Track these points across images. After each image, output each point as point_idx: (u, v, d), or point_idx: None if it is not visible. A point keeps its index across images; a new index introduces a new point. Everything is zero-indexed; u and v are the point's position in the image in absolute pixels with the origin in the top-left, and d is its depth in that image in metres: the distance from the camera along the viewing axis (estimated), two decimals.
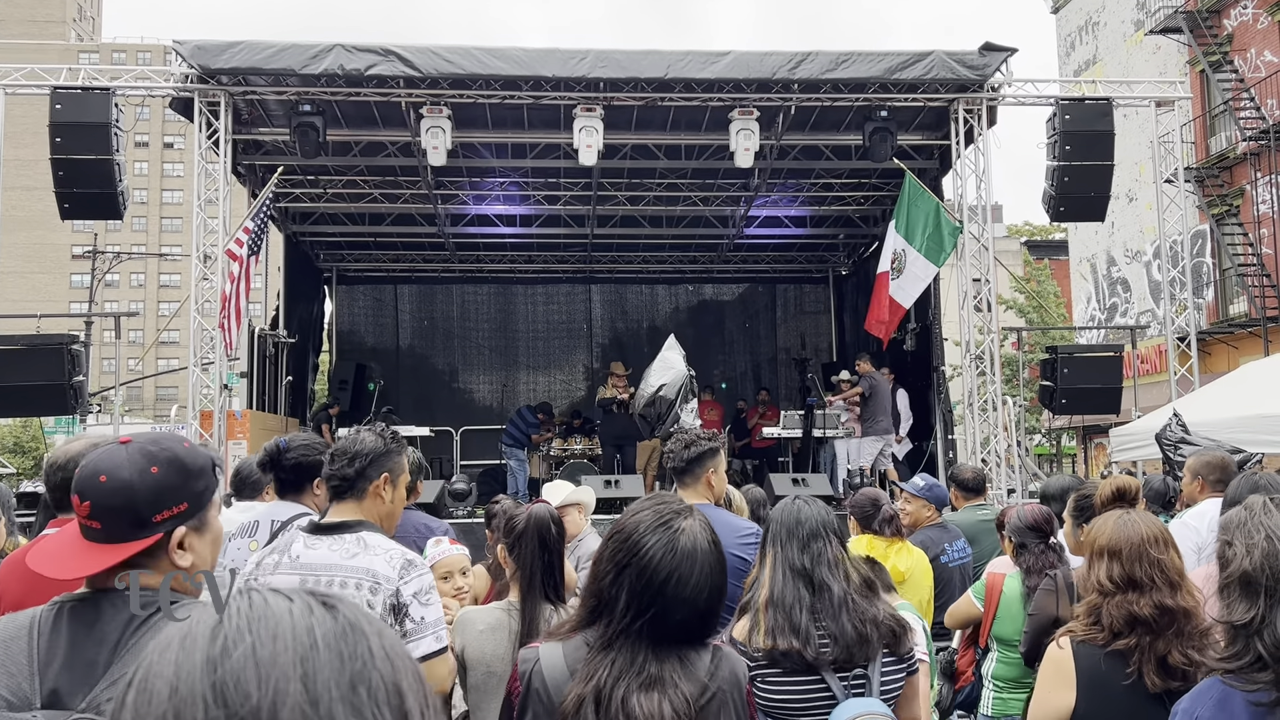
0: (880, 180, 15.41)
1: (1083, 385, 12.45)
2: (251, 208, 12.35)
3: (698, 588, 2.12)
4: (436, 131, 11.78)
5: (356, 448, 3.05)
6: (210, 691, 0.71)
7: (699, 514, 2.26)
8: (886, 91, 12.24)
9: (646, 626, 2.08)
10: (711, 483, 4.05)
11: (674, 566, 2.11)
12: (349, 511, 3.04)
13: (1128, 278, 26.32)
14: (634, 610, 2.10)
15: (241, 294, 11.54)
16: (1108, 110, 12.31)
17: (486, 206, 16.18)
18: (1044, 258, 40.48)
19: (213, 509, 1.94)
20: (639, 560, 2.13)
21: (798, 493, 3.63)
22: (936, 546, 5.40)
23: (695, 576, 2.12)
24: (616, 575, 2.14)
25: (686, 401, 11.14)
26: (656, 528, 2.17)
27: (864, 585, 2.91)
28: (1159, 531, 2.88)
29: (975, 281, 12.79)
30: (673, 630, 2.10)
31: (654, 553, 2.13)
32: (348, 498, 3.05)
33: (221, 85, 11.86)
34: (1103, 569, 2.81)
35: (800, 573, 2.88)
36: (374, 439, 3.10)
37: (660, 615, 2.09)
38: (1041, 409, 19.56)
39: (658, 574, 2.11)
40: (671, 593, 2.10)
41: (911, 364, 14.78)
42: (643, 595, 2.10)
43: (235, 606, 0.77)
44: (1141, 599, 2.75)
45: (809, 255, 19.01)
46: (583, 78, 11.60)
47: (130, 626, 1.74)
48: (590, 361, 18.95)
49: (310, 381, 17.55)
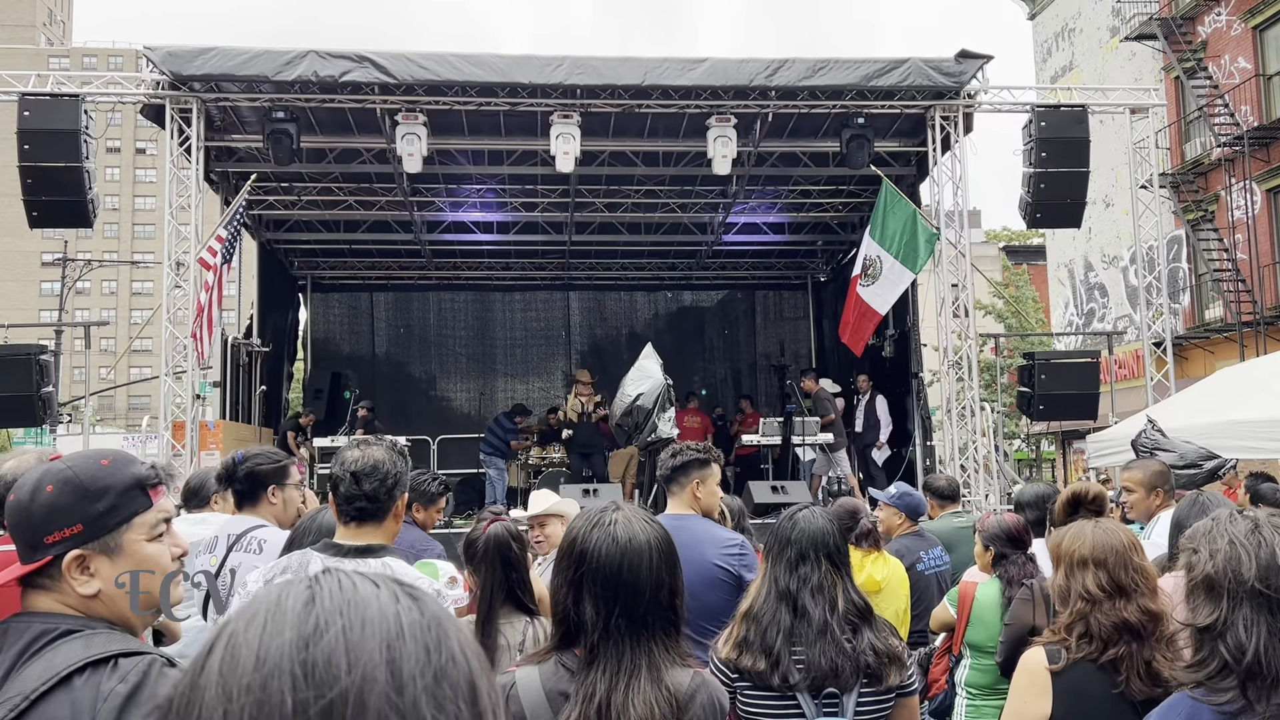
0: (858, 187, 15.48)
1: (1060, 391, 12.56)
2: (225, 215, 12.29)
3: (652, 568, 2.15)
4: (412, 138, 11.76)
5: (385, 468, 2.91)
6: (300, 669, 0.72)
7: (627, 505, 2.30)
8: (864, 98, 12.32)
9: (622, 624, 2.11)
10: (698, 494, 4.03)
11: (621, 554, 2.15)
12: (370, 535, 2.92)
13: (1105, 283, 26.57)
14: (603, 614, 2.12)
15: (215, 302, 11.47)
16: (1083, 117, 12.43)
17: (463, 213, 16.16)
18: (1022, 263, 40.84)
19: (131, 532, 1.79)
20: (588, 563, 2.16)
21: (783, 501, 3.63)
22: (913, 555, 5.42)
23: (646, 559, 2.16)
24: (575, 590, 2.16)
25: (664, 410, 11.15)
26: (592, 529, 2.21)
27: (858, 612, 2.87)
28: (1134, 539, 2.92)
29: (953, 287, 12.87)
30: (645, 619, 2.12)
31: (599, 549, 2.16)
32: (369, 521, 2.92)
33: (194, 92, 11.79)
34: (1089, 578, 2.83)
35: (783, 594, 2.87)
36: (392, 457, 2.96)
37: (628, 607, 2.12)
38: (1020, 414, 19.69)
39: (609, 567, 2.14)
40: (629, 580, 2.13)
41: (890, 370, 14.85)
42: (605, 595, 2.13)
43: (326, 587, 0.77)
44: (1129, 605, 2.77)
45: (787, 262, 19.09)
46: (559, 84, 11.61)
47: (26, 654, 1.66)
48: (569, 368, 18.93)
49: (285, 390, 17.44)
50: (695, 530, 3.89)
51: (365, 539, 2.92)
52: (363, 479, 2.90)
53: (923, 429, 13.59)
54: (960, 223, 12.93)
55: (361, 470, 2.91)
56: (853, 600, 2.90)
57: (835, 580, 2.90)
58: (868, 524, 5.00)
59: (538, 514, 4.78)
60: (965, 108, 12.62)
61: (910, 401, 13.98)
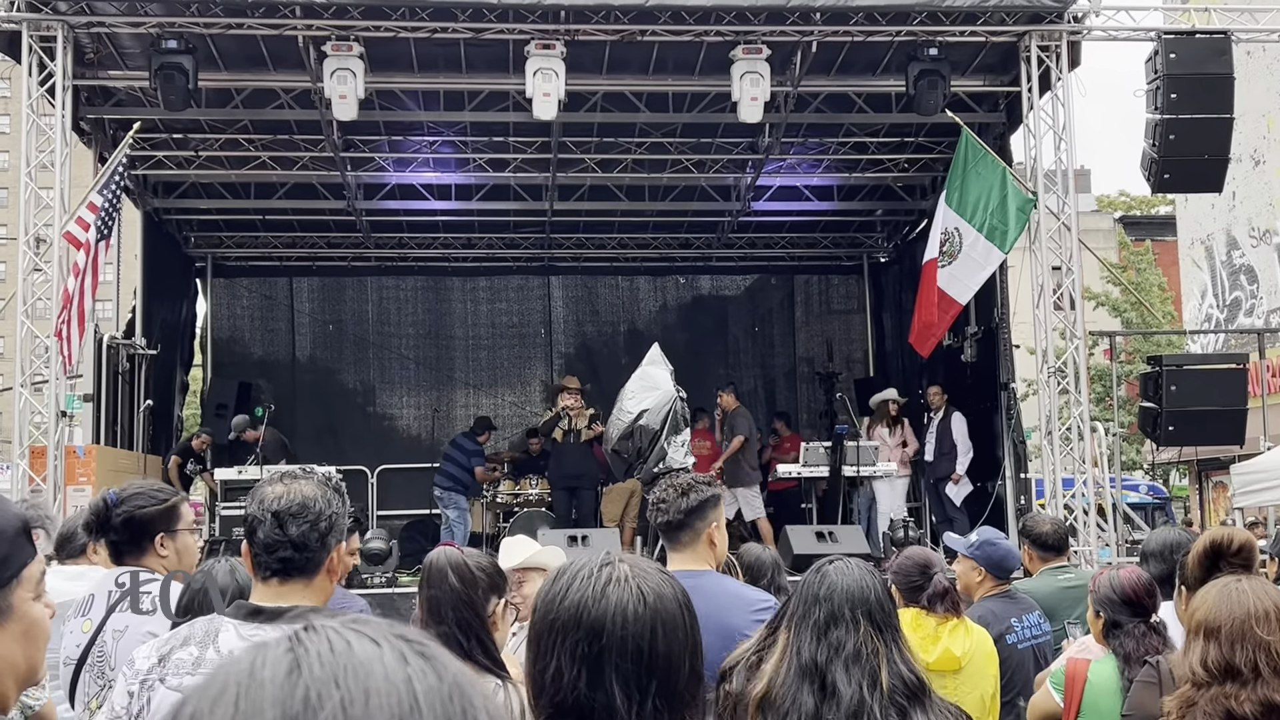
0: (929, 139, 15.49)
1: (1196, 406, 12.54)
2: (99, 176, 12.28)
3: (688, 632, 2.13)
4: (345, 75, 11.75)
5: (315, 507, 2.89)
6: None
7: (628, 555, 2.29)
8: (937, 23, 12.31)
9: (662, 707, 2.07)
10: (715, 541, 4.06)
11: (653, 617, 2.12)
12: (297, 594, 2.91)
13: (1253, 264, 26.55)
14: (636, 699, 2.08)
15: (87, 291, 11.48)
16: (1226, 47, 12.40)
17: (411, 174, 16.15)
18: (1146, 239, 40.80)
19: (21, 589, 1.84)
20: (613, 632, 2.12)
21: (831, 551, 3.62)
22: (1001, 622, 5.40)
23: (680, 621, 2.13)
24: (591, 671, 2.12)
25: (676, 432, 11.16)
26: (606, 587, 2.17)
27: (907, 690, 2.85)
28: (1273, 606, 2.88)
29: (1055, 271, 12.86)
30: (683, 696, 2.09)
31: (622, 613, 2.13)
32: (295, 576, 2.91)
33: (59, 14, 11.79)
34: (1197, 652, 2.82)
35: (808, 670, 2.85)
36: (326, 493, 2.95)
37: (666, 685, 2.08)
38: (1143, 438, 19.64)
39: (639, 635, 2.11)
40: (664, 650, 2.09)
41: (972, 380, 14.85)
42: (635, 673, 2.08)
43: (313, 649, 0.78)
44: (1242, 693, 2.75)
45: (837, 237, 19.08)
46: (538, 4, 11.61)
47: None
48: (549, 376, 18.92)
49: (177, 406, 17.45)
50: (717, 590, 3.89)
51: (291, 599, 2.89)
52: (288, 521, 2.87)
53: (1015, 456, 13.57)
54: (1064, 186, 12.92)
55: (286, 510, 2.88)
56: (901, 674, 2.86)
57: (878, 647, 2.87)
58: (944, 581, 4.99)
59: (517, 566, 4.78)
60: (1070, 35, 12.60)
61: (998, 420, 13.96)
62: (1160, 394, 12.57)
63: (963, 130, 12.57)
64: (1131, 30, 12.82)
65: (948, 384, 14.74)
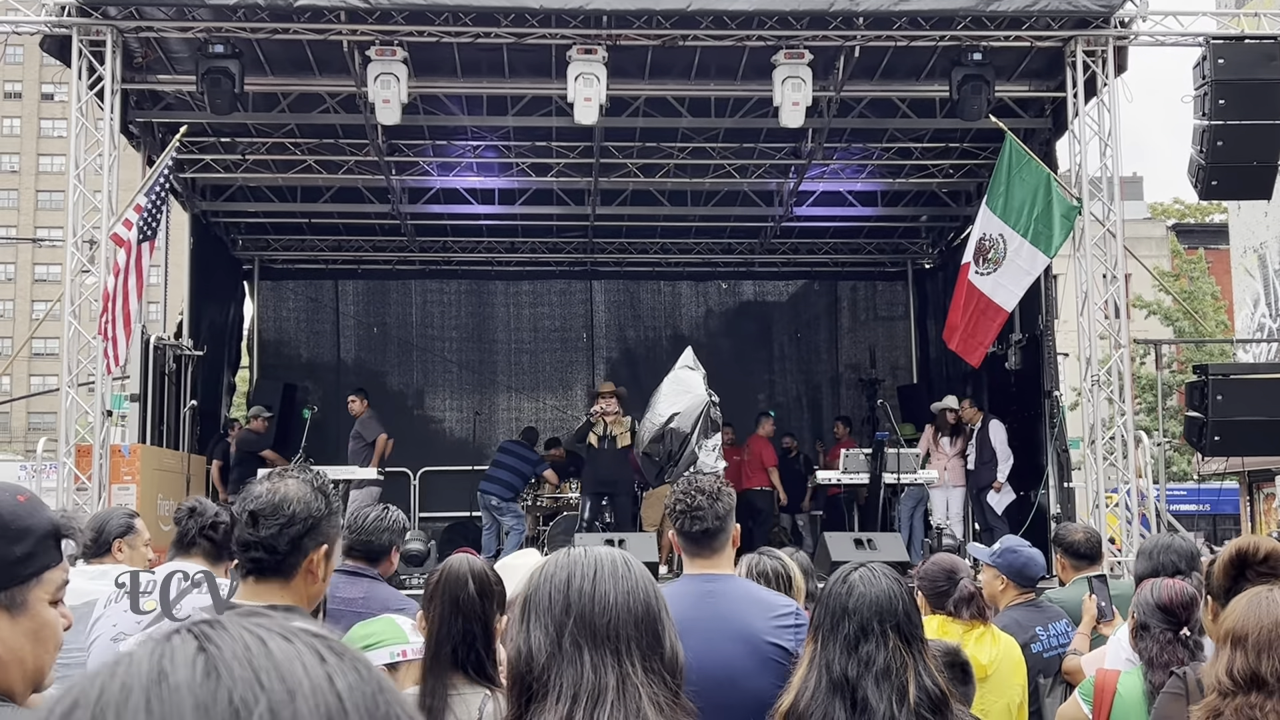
0: (974, 145, 15.41)
1: (1245, 416, 12.39)
2: (146, 178, 12.45)
3: (620, 586, 2.19)
4: (388, 80, 11.85)
5: (290, 509, 2.86)
6: None
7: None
8: (981, 27, 12.25)
9: (582, 639, 2.13)
10: (737, 542, 4.05)
11: (574, 568, 2.21)
12: (272, 594, 2.89)
13: None
14: (560, 633, 2.15)
15: (132, 292, 11.62)
16: (1276, 53, 12.26)
17: (455, 178, 16.25)
18: (1198, 247, 40.33)
19: (39, 589, 1.89)
20: (539, 594, 2.21)
21: (860, 559, 3.61)
22: (1026, 631, 5.36)
23: (612, 573, 2.21)
24: (529, 635, 2.18)
25: (707, 436, 11.12)
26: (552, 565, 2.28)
27: (931, 703, 2.84)
28: None
29: (1103, 279, 12.75)
30: (614, 639, 2.13)
31: (555, 571, 2.22)
32: (269, 577, 2.89)
33: (108, 19, 11.96)
34: (1223, 661, 2.79)
35: (838, 685, 2.85)
36: (307, 494, 2.91)
37: (589, 624, 2.13)
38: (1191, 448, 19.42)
39: (561, 578, 2.20)
40: (590, 593, 2.17)
41: (1015, 388, 14.74)
42: (562, 615, 2.16)
43: (225, 647, 0.74)
44: (1267, 704, 2.72)
45: (880, 243, 19.04)
46: (580, 9, 11.63)
47: None
48: (591, 380, 18.94)
49: (224, 407, 17.63)
50: (739, 594, 3.89)
51: (268, 599, 2.86)
52: (260, 521, 2.86)
53: (1058, 466, 13.45)
54: (1111, 193, 12.81)
55: (260, 510, 2.86)
56: (926, 687, 2.86)
57: (906, 661, 2.87)
58: (970, 587, 4.96)
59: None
60: (1117, 40, 12.51)
61: (1042, 430, 13.84)
62: (1206, 403, 12.42)
63: (1006, 136, 12.51)
64: (1179, 35, 12.70)
65: (991, 391, 14.65)
